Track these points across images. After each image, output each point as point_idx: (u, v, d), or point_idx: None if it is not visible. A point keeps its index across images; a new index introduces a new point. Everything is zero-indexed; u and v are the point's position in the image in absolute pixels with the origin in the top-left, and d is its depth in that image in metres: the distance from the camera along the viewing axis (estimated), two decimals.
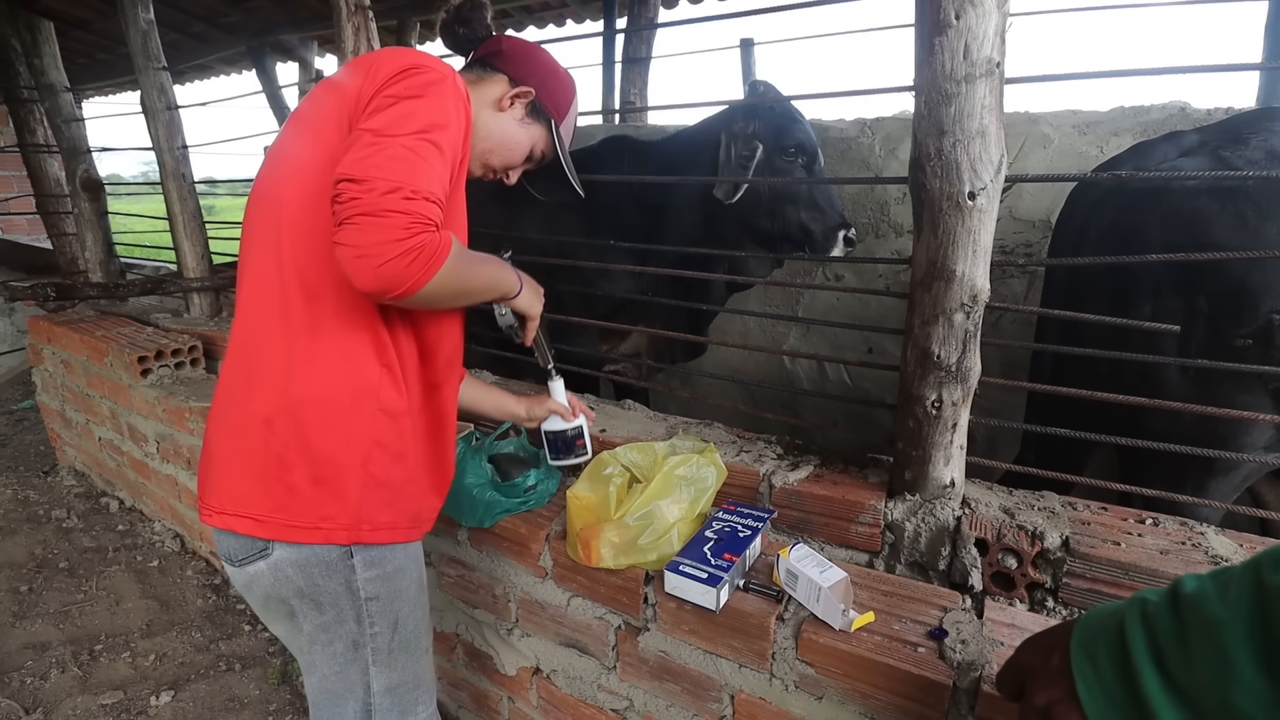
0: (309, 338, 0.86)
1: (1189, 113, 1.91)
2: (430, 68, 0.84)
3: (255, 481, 0.87)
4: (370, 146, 0.75)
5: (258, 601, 0.94)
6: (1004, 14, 0.89)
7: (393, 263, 0.73)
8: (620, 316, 2.10)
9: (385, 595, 0.94)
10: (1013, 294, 2.19)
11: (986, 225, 0.95)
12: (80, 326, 2.61)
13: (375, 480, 0.90)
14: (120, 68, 4.71)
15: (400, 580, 0.96)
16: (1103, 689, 0.48)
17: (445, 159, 0.80)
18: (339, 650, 0.94)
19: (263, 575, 0.89)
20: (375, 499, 0.90)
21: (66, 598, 2.14)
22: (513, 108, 1.04)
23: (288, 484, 0.86)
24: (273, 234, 0.87)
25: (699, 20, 1.61)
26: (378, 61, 0.85)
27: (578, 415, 1.24)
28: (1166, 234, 1.27)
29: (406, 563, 0.98)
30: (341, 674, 0.95)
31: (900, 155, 2.33)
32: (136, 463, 2.47)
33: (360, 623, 0.93)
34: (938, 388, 1.03)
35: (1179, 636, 0.43)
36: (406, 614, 0.98)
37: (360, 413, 0.88)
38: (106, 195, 3.03)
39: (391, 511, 0.93)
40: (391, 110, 0.78)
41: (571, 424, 1.22)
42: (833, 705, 0.96)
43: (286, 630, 0.96)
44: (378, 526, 0.91)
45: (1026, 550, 1.01)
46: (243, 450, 0.87)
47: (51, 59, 2.88)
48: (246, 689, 1.77)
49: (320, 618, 0.91)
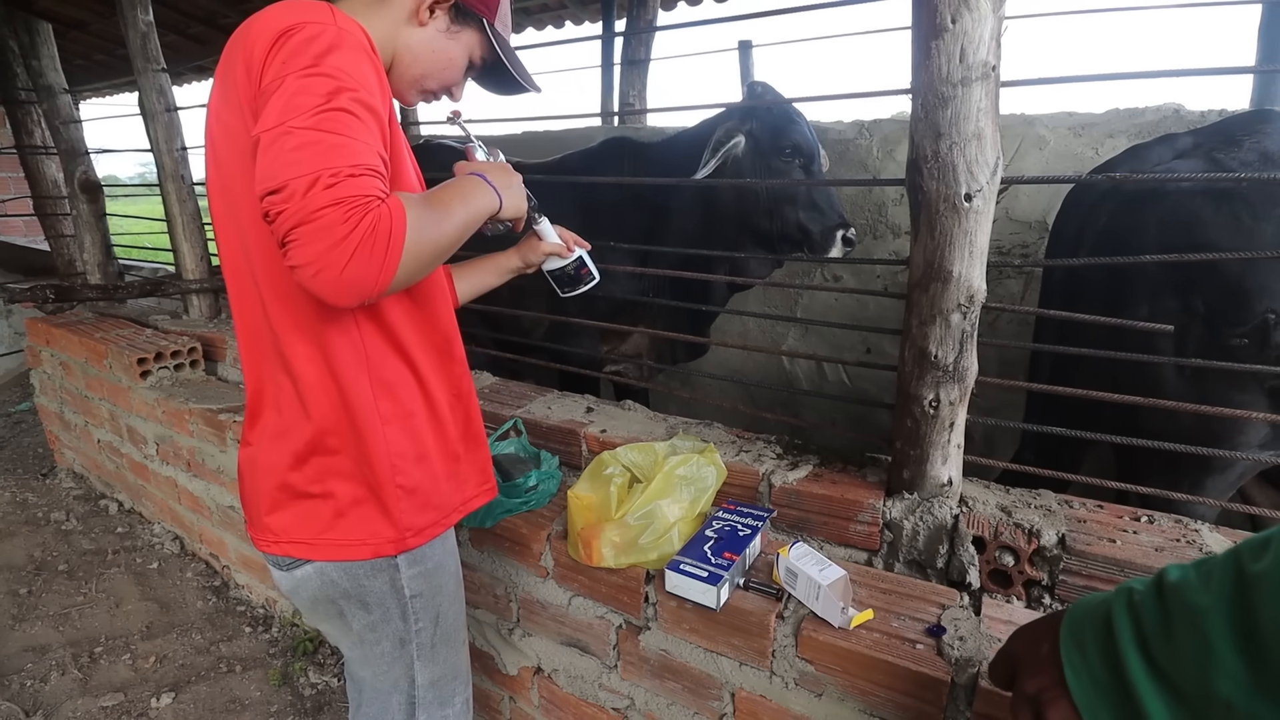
0: (304, 359, 0.84)
1: (1183, 115, 1.93)
2: (305, 23, 0.72)
3: (300, 513, 0.88)
4: (273, 146, 0.66)
5: (305, 604, 0.94)
6: (999, 18, 0.90)
7: (352, 264, 0.65)
8: (621, 317, 2.11)
9: (428, 591, 0.95)
10: (1009, 294, 2.21)
11: (983, 226, 0.97)
12: (79, 328, 2.61)
13: (405, 490, 0.90)
14: (118, 69, 4.70)
15: (440, 576, 0.97)
16: (1090, 676, 0.49)
17: (365, 119, 0.70)
18: (386, 649, 0.95)
19: (310, 579, 0.90)
20: (409, 506, 0.90)
21: (66, 600, 2.14)
22: (435, 18, 0.90)
23: (332, 510, 0.88)
24: (236, 233, 0.83)
25: (697, 23, 1.62)
26: (249, 35, 0.74)
27: (573, 249, 1.16)
28: (1163, 235, 1.28)
29: (445, 558, 0.99)
30: (388, 670, 0.96)
31: (897, 157, 2.35)
32: (136, 465, 2.47)
33: (406, 620, 0.94)
34: (935, 387, 1.04)
35: (1163, 625, 0.44)
36: (447, 608, 0.99)
37: (371, 431, 0.87)
38: (105, 197, 3.03)
39: (430, 512, 0.93)
40: (279, 94, 0.68)
41: (570, 258, 1.16)
42: (832, 702, 0.97)
43: (336, 629, 0.97)
44: (419, 531, 0.92)
45: (1023, 548, 1.02)
46: (280, 485, 0.88)
47: (49, 60, 2.88)
48: (247, 690, 1.77)
49: (368, 617, 0.93)
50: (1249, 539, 0.42)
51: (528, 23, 4.27)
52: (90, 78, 5.15)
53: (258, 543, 0.91)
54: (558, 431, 1.47)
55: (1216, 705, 0.40)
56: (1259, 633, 0.38)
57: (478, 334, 1.81)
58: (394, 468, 0.88)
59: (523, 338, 2.18)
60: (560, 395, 1.65)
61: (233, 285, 0.88)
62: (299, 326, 0.83)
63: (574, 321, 1.71)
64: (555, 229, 1.17)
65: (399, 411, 0.90)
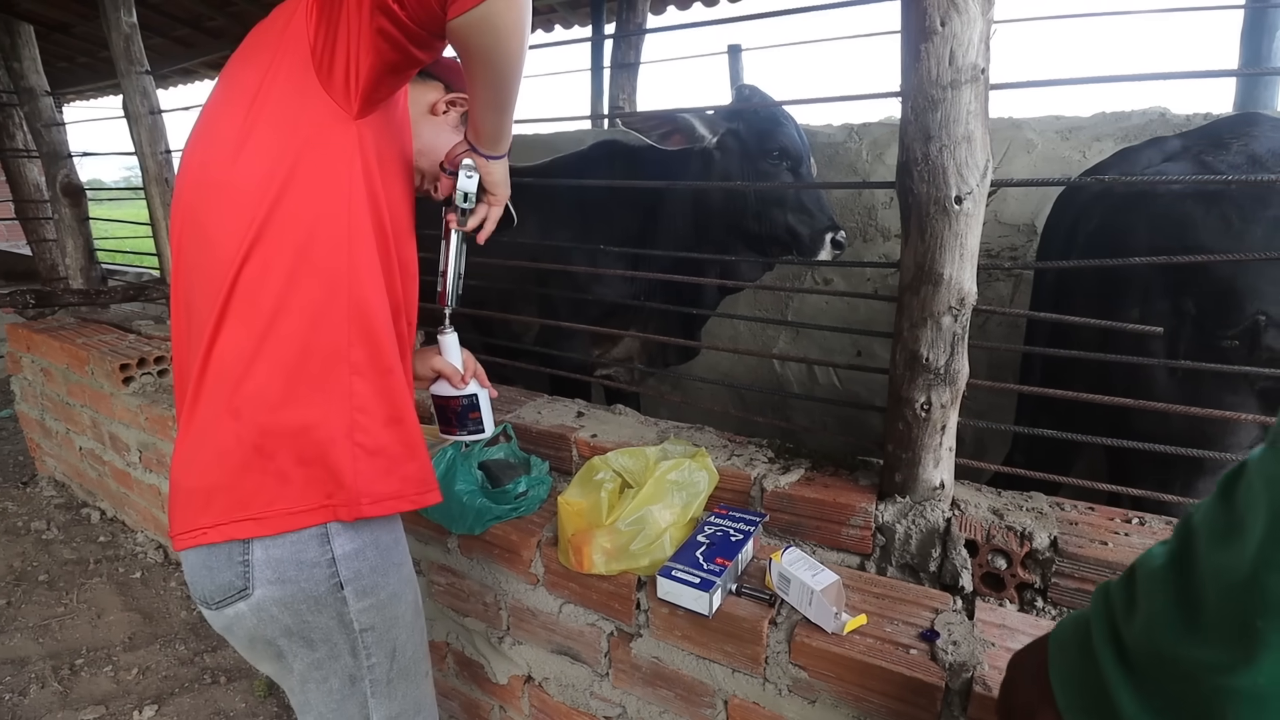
0: (263, 316, 0.78)
1: (1169, 118, 1.94)
2: None
3: (240, 485, 0.79)
4: None
5: (242, 644, 0.88)
6: (988, 21, 0.90)
7: None
8: (612, 321, 2.10)
9: (381, 624, 0.89)
10: (999, 297, 2.22)
11: (973, 229, 0.96)
12: (60, 334, 2.57)
13: (366, 450, 0.83)
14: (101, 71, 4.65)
15: (396, 606, 0.91)
16: (1070, 675, 0.48)
17: None
18: (334, 686, 0.88)
19: (244, 617, 0.82)
20: (376, 468, 0.84)
21: (46, 611, 2.09)
22: (447, 114, 1.02)
23: (276, 473, 0.79)
24: (205, 220, 0.80)
25: (687, 26, 1.61)
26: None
27: (468, 382, 1.04)
28: (1153, 238, 1.29)
29: (401, 588, 0.92)
30: (339, 710, 0.89)
31: (887, 160, 2.35)
32: (118, 472, 2.43)
33: (356, 656, 0.88)
34: (927, 390, 1.04)
35: (1128, 601, 0.43)
36: (404, 640, 0.93)
37: (334, 379, 0.81)
38: (88, 201, 2.99)
39: (394, 481, 0.86)
40: None
41: (463, 391, 1.03)
42: (826, 709, 0.96)
43: (276, 670, 0.90)
44: (378, 499, 0.84)
45: (1016, 551, 1.01)
46: (220, 451, 0.79)
47: (31, 62, 2.84)
48: (232, 702, 1.74)
49: (312, 655, 0.86)
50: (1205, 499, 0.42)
51: None
52: (73, 80, 5.09)
53: (178, 540, 0.81)
54: (548, 436, 1.46)
55: (1167, 664, 0.39)
56: (1194, 572, 0.38)
57: (467, 338, 1.79)
58: (354, 424, 0.82)
59: (512, 342, 2.16)
60: (550, 400, 1.64)
61: (183, 274, 0.84)
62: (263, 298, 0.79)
63: (565, 326, 1.69)
64: (462, 353, 1.04)
65: (380, 364, 0.85)
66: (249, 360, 0.79)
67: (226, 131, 0.80)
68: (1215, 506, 0.38)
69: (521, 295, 2.11)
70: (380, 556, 0.88)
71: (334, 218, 0.80)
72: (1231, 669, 0.33)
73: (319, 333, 0.80)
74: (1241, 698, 0.33)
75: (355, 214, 0.82)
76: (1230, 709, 0.34)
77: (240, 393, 0.79)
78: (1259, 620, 0.32)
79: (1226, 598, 0.34)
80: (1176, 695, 0.37)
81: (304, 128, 0.78)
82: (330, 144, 0.79)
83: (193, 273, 0.83)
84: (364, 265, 0.83)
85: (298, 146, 0.78)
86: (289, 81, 0.78)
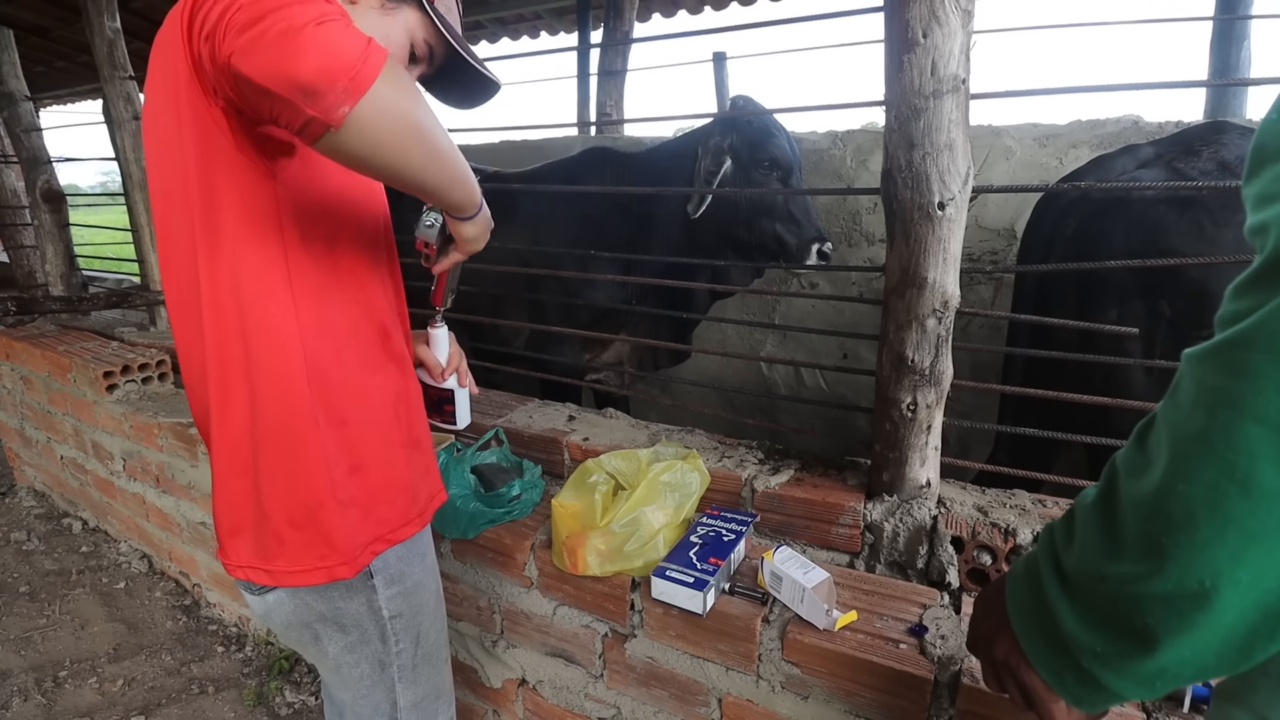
0: (238, 368, 0.77)
1: (1142, 126, 2.00)
2: None
3: (251, 536, 0.83)
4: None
5: (279, 628, 0.91)
6: (969, 32, 0.93)
7: (313, 33, 0.55)
8: (604, 325, 2.11)
9: (408, 611, 0.92)
10: (980, 300, 2.26)
11: (955, 234, 0.99)
12: (41, 341, 2.53)
13: (343, 504, 0.83)
14: (81, 76, 4.59)
15: (421, 594, 0.94)
16: (1022, 602, 0.53)
17: None
18: (365, 671, 0.92)
19: (283, 603, 0.86)
20: (352, 520, 0.84)
21: (28, 623, 2.06)
22: (396, 11, 0.81)
23: (274, 534, 0.82)
24: (188, 239, 0.77)
25: (672, 36, 1.64)
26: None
27: (447, 379, 1.05)
28: (1129, 242, 1.33)
29: (425, 576, 0.96)
30: (369, 694, 0.93)
31: (870, 166, 2.39)
32: (101, 481, 2.40)
33: (385, 641, 0.91)
34: (912, 391, 1.06)
35: (1068, 534, 0.49)
36: (428, 627, 0.96)
37: (304, 448, 0.80)
38: (68, 206, 2.95)
39: (370, 526, 0.87)
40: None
41: (441, 385, 1.05)
42: (818, 704, 0.98)
43: (312, 654, 0.93)
44: (363, 549, 0.86)
45: (1000, 547, 1.04)
46: (231, 505, 0.83)
47: (10, 67, 2.81)
48: (221, 712, 1.72)
49: (345, 639, 0.89)
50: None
51: (504, 33, 4.28)
52: (51, 84, 5.02)
53: (228, 568, 0.85)
54: (540, 440, 1.47)
55: (1096, 581, 0.45)
56: (1116, 504, 0.44)
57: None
58: (333, 484, 0.82)
59: (503, 346, 2.17)
60: (541, 404, 1.65)
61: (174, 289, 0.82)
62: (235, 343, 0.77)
63: (555, 330, 1.70)
64: (451, 346, 1.06)
65: (332, 418, 0.83)
66: (237, 432, 0.80)
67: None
68: (1132, 449, 0.45)
69: (511, 300, 2.11)
70: (406, 547, 0.92)
71: (269, 279, 0.76)
72: (1147, 578, 0.40)
73: (284, 400, 0.79)
74: (1157, 601, 0.40)
75: (295, 273, 0.77)
76: (1148, 610, 0.41)
77: (238, 458, 0.81)
78: (1164, 537, 0.39)
79: (1140, 521, 0.41)
80: (1105, 607, 0.44)
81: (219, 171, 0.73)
82: (250, 201, 0.73)
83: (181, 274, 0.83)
84: (312, 322, 0.79)
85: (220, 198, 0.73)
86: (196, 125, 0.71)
